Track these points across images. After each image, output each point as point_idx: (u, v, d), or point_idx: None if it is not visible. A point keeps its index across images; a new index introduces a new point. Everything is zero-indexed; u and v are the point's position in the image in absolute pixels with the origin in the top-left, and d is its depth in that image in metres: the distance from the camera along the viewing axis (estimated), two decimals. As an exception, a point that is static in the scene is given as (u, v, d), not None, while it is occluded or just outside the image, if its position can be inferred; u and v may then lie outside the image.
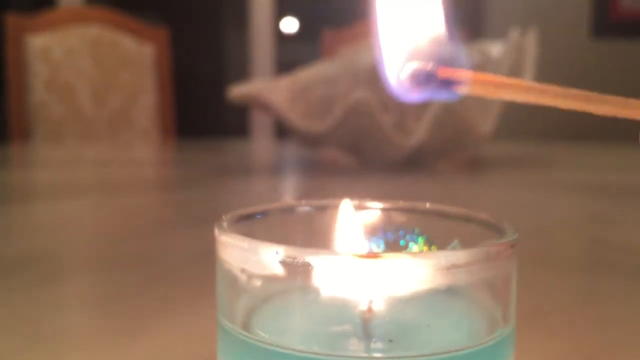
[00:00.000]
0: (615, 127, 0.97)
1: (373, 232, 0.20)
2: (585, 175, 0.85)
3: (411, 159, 0.89)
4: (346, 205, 0.20)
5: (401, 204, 0.21)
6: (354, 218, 0.19)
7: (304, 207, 0.21)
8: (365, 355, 0.15)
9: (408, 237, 0.20)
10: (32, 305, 0.30)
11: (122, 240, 0.45)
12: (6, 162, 1.11)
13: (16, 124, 1.60)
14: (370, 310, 0.15)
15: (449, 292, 0.15)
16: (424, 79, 0.16)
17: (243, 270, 0.16)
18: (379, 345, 0.15)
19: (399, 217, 0.20)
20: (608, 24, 2.76)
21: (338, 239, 0.19)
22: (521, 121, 1.80)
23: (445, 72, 0.16)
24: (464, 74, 0.16)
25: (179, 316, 0.29)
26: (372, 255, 0.14)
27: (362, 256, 0.14)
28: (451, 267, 0.14)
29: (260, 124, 2.75)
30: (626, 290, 0.32)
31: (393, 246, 0.20)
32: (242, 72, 2.85)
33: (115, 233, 0.48)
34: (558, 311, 0.30)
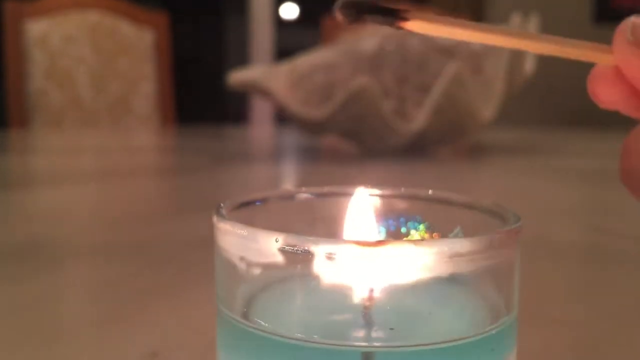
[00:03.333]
0: (616, 114, 0.96)
1: (374, 219, 0.20)
2: (586, 162, 0.85)
3: (412, 146, 0.88)
4: (347, 193, 0.20)
5: (402, 190, 0.20)
6: (355, 205, 0.19)
7: (304, 195, 0.20)
8: (366, 344, 0.15)
9: (410, 224, 0.20)
10: (32, 292, 0.30)
11: (122, 227, 0.45)
12: (6, 149, 1.11)
13: (15, 111, 1.60)
14: (371, 298, 0.15)
15: (451, 280, 0.15)
16: (355, 8, 0.16)
17: (242, 258, 0.15)
18: (380, 333, 0.15)
19: (401, 204, 0.20)
20: (609, 10, 2.74)
21: (339, 227, 0.19)
22: (522, 108, 1.79)
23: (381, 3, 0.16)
24: (403, 8, 0.16)
25: (179, 303, 0.28)
26: (373, 242, 0.14)
27: (363, 244, 0.14)
28: (454, 255, 0.14)
29: (260, 110, 2.74)
30: (628, 278, 0.32)
31: (394, 233, 0.20)
32: (242, 58, 2.84)
33: (115, 220, 0.48)
34: (559, 300, 0.30)
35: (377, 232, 0.19)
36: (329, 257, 0.14)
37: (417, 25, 0.16)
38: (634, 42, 0.15)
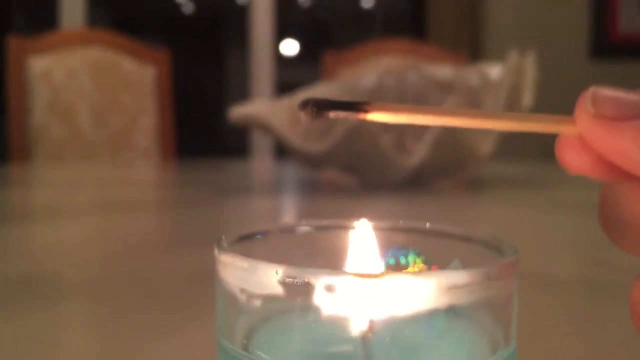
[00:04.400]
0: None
1: (373, 251, 0.20)
2: (584, 194, 0.85)
3: (412, 179, 0.89)
4: (346, 226, 0.20)
5: (401, 223, 0.21)
6: (355, 238, 0.19)
7: (304, 228, 0.21)
8: (366, 376, 0.15)
9: (409, 256, 0.20)
10: (32, 327, 0.30)
11: (122, 261, 0.45)
12: (6, 182, 1.11)
13: (17, 144, 1.61)
14: (371, 330, 0.15)
15: (450, 311, 0.15)
16: (317, 105, 0.16)
17: (243, 290, 0.16)
18: (379, 366, 0.15)
19: (400, 237, 0.20)
20: (606, 45, 2.78)
21: (338, 259, 0.19)
22: (521, 142, 1.80)
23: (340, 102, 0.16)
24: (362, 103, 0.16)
25: (179, 337, 0.28)
26: (372, 275, 0.14)
27: (362, 276, 0.14)
28: (452, 287, 0.14)
29: (261, 145, 2.75)
30: (627, 310, 0.32)
31: (394, 266, 0.20)
32: (243, 93, 2.87)
33: (115, 253, 0.48)
34: (559, 332, 0.30)
35: (376, 264, 0.19)
36: (329, 289, 0.14)
37: (377, 116, 0.16)
38: (595, 112, 0.15)
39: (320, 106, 0.16)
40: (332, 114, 0.16)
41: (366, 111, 0.16)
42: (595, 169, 0.16)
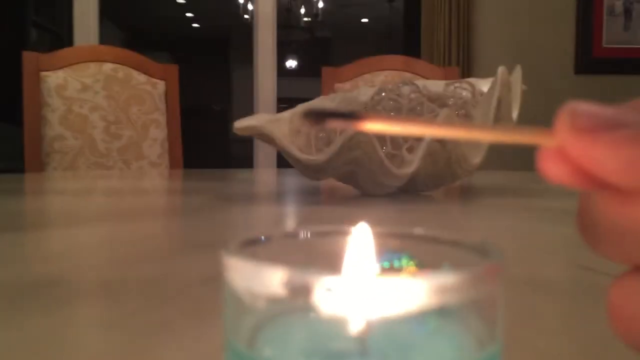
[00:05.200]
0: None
1: (370, 255, 0.21)
2: (568, 202, 0.86)
3: (406, 188, 0.89)
4: (344, 231, 0.20)
5: (396, 229, 0.21)
6: (352, 243, 0.20)
7: (305, 233, 0.21)
8: (363, 371, 0.15)
9: (402, 260, 0.21)
10: (45, 329, 0.30)
11: (132, 265, 0.45)
12: (22, 191, 1.11)
13: (32, 155, 1.61)
14: (366, 329, 0.16)
15: (440, 312, 0.16)
16: (318, 116, 0.17)
17: (249, 291, 0.16)
18: (375, 362, 0.16)
19: (394, 242, 0.21)
20: (591, 61, 2.80)
21: (337, 262, 0.20)
22: (510, 152, 1.81)
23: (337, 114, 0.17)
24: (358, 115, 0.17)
25: (186, 337, 0.29)
26: (368, 277, 0.14)
27: (359, 278, 0.14)
28: (441, 289, 0.14)
29: (264, 155, 2.76)
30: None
31: (388, 269, 0.21)
32: (248, 106, 2.88)
33: (126, 258, 0.49)
34: (543, 332, 0.30)
35: (372, 267, 0.20)
36: (328, 290, 0.14)
37: (373, 125, 0.17)
38: (572, 126, 0.16)
39: (321, 116, 0.17)
40: (331, 123, 0.17)
41: (362, 121, 0.17)
42: (574, 179, 0.17)
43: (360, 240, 0.20)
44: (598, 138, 0.15)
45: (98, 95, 1.70)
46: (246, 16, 5.11)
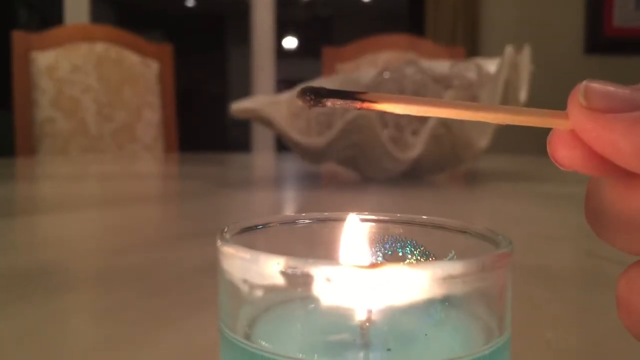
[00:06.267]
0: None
1: (372, 243, 0.20)
2: (577, 188, 0.85)
3: (409, 173, 0.89)
4: (346, 218, 0.20)
5: (400, 216, 0.21)
6: (353, 230, 0.20)
7: (305, 220, 0.21)
8: (364, 364, 0.15)
9: (406, 248, 0.20)
10: (38, 317, 0.30)
11: (126, 252, 0.45)
12: (13, 176, 1.11)
13: (22, 139, 1.61)
14: (369, 319, 0.15)
15: (445, 301, 0.15)
16: (314, 94, 0.16)
17: (245, 281, 0.16)
18: (377, 354, 0.16)
19: (398, 229, 0.21)
20: (601, 41, 2.78)
21: (338, 250, 0.19)
22: (516, 135, 1.80)
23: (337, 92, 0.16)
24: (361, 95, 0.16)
25: (182, 326, 0.29)
26: (370, 266, 0.14)
27: (361, 267, 0.14)
28: (447, 278, 0.14)
29: (262, 139, 2.75)
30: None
31: (391, 257, 0.20)
32: (245, 88, 2.86)
33: (120, 245, 0.48)
34: (552, 322, 0.30)
35: (374, 255, 0.20)
36: (328, 279, 0.14)
37: (374, 105, 0.16)
38: (587, 105, 0.15)
39: (318, 94, 0.16)
40: (330, 102, 0.16)
41: (363, 100, 0.16)
42: (586, 164, 0.16)
43: (362, 227, 0.20)
44: (614, 119, 0.15)
45: (90, 77, 1.69)
46: (244, -7, 5.06)
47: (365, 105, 0.16)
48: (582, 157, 0.16)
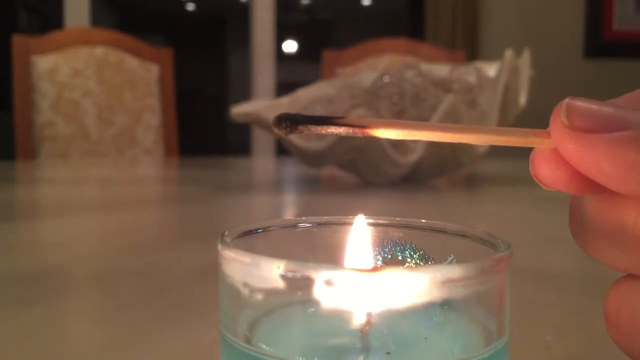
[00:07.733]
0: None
1: (372, 247, 0.21)
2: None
3: (409, 177, 0.89)
4: (346, 222, 0.20)
5: (399, 220, 0.21)
6: (353, 234, 0.20)
7: (305, 224, 0.21)
8: (364, 367, 0.15)
9: (406, 252, 0.20)
10: (39, 319, 0.30)
11: (126, 256, 0.45)
12: (13, 180, 1.11)
13: (22, 142, 1.61)
14: (368, 323, 0.16)
15: (445, 305, 0.15)
16: (290, 121, 0.16)
17: (245, 285, 0.16)
18: (377, 357, 0.16)
19: (397, 233, 0.21)
20: (600, 44, 2.78)
21: (338, 254, 0.19)
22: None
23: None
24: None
25: (182, 330, 0.29)
26: (370, 269, 0.14)
27: (360, 270, 0.14)
28: (447, 281, 0.14)
29: (262, 142, 2.75)
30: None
31: (391, 261, 0.20)
32: (245, 92, 2.87)
33: (120, 249, 0.49)
34: (551, 325, 0.30)
35: (374, 259, 0.20)
36: (328, 283, 0.14)
37: (351, 129, 0.16)
38: (569, 124, 0.15)
39: (294, 121, 0.16)
40: (306, 129, 0.16)
41: (340, 125, 0.16)
42: (569, 184, 0.16)
43: (362, 231, 0.20)
44: (596, 139, 0.14)
45: (90, 80, 1.69)
46: (243, -3, 5.08)
47: (342, 129, 0.16)
48: (565, 176, 0.16)
